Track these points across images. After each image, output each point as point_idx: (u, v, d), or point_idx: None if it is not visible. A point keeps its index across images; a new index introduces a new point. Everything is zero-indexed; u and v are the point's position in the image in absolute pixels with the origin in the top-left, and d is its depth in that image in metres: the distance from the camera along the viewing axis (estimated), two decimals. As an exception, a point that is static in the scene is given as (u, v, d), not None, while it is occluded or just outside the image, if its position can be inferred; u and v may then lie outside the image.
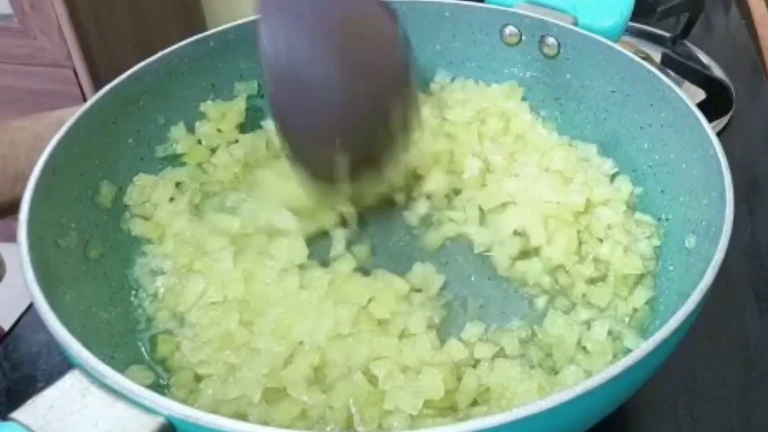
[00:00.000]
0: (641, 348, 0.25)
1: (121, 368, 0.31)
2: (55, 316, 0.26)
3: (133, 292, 0.38)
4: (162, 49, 0.42)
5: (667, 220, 0.40)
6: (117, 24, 1.11)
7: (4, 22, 1.01)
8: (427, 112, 0.46)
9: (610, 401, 0.28)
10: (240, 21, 0.45)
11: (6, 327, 0.44)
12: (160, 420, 0.23)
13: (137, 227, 0.40)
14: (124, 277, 0.38)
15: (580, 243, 0.40)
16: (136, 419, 0.23)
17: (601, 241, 0.40)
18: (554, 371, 0.34)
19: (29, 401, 0.24)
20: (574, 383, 0.23)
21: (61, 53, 1.03)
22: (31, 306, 0.43)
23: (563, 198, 0.41)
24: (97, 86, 1.06)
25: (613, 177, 0.44)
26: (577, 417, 0.26)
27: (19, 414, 0.23)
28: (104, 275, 0.37)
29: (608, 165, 0.44)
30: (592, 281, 0.39)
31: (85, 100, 1.11)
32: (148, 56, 0.41)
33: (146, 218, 0.40)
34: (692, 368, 0.40)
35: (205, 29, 0.44)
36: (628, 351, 0.34)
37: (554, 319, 0.36)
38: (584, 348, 0.35)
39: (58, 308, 0.27)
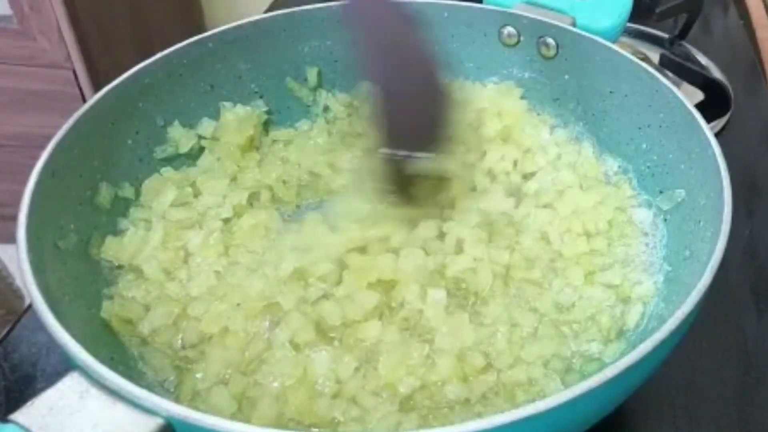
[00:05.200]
0: (639, 349, 0.25)
1: (121, 369, 0.31)
2: (54, 318, 0.26)
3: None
4: (161, 50, 0.42)
5: (665, 220, 0.40)
6: (116, 25, 1.11)
7: (4, 23, 1.01)
8: None
9: (609, 402, 0.28)
10: (239, 22, 0.45)
11: (5, 328, 0.44)
12: (160, 421, 0.23)
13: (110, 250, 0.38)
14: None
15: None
16: (136, 421, 0.23)
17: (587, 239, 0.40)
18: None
19: (28, 403, 0.24)
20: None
21: (60, 54, 1.03)
22: (30, 306, 0.43)
23: (570, 200, 0.42)
24: (97, 87, 1.06)
25: (611, 177, 0.44)
26: (576, 418, 0.26)
27: (18, 416, 0.23)
28: (103, 276, 0.37)
29: (606, 165, 0.45)
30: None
31: (84, 101, 1.12)
32: (148, 57, 0.41)
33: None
34: (691, 368, 0.40)
35: (204, 30, 0.44)
36: (626, 352, 0.34)
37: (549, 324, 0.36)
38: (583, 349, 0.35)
39: (57, 310, 0.27)
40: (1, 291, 0.64)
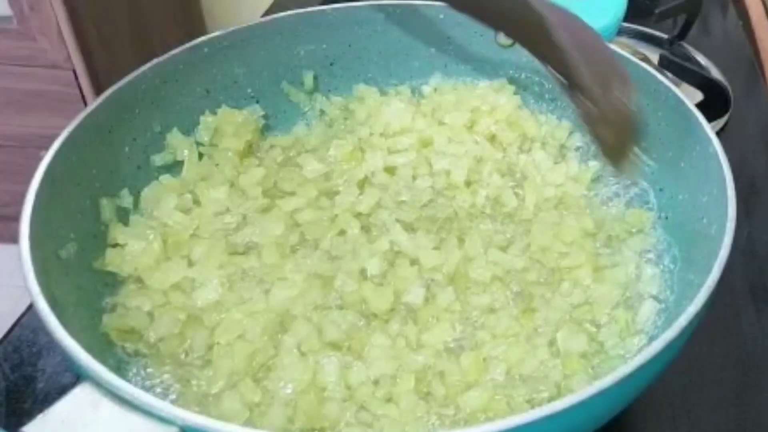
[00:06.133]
0: (651, 348, 0.25)
1: (129, 378, 0.31)
2: (64, 330, 0.26)
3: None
4: (162, 50, 0.42)
5: (666, 218, 0.40)
6: (116, 26, 1.11)
7: (4, 23, 1.01)
8: (422, 119, 0.46)
9: (621, 401, 0.28)
10: (234, 27, 0.44)
11: (6, 327, 0.44)
12: (174, 430, 0.23)
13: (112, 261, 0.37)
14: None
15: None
16: (150, 430, 0.23)
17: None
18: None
19: (40, 415, 0.23)
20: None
21: (60, 55, 1.03)
22: (30, 306, 0.43)
23: (570, 201, 0.42)
24: (97, 88, 1.07)
25: (611, 177, 0.44)
26: (588, 418, 0.26)
27: (30, 428, 0.23)
28: (106, 286, 0.37)
29: (606, 165, 0.45)
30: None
31: (84, 101, 1.12)
32: (148, 58, 0.41)
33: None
34: (690, 369, 0.40)
35: (204, 32, 0.43)
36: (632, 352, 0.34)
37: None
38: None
39: (63, 320, 0.27)
40: None
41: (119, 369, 0.33)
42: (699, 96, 0.63)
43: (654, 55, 0.67)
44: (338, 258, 0.38)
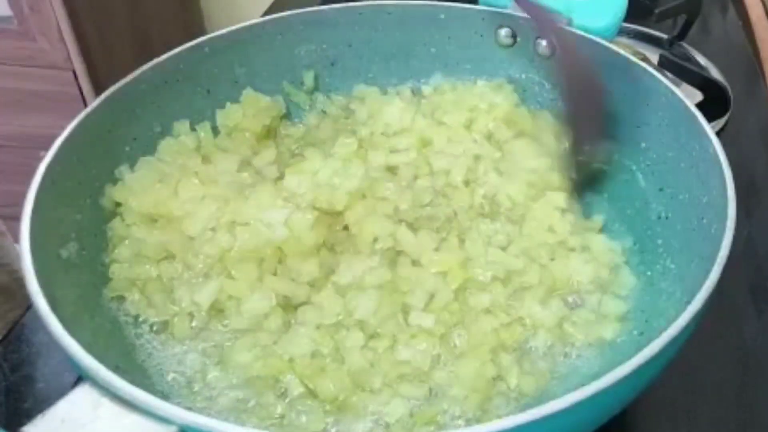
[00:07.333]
0: (651, 348, 0.25)
1: (128, 378, 0.31)
2: (64, 329, 0.26)
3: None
4: (162, 50, 0.42)
5: (666, 218, 0.40)
6: (116, 26, 1.12)
7: (4, 23, 1.01)
8: (422, 119, 0.47)
9: (619, 402, 0.28)
10: (234, 26, 0.45)
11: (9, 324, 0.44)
12: (173, 429, 0.23)
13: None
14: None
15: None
16: (150, 430, 0.23)
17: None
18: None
19: (40, 415, 0.23)
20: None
21: (60, 55, 1.03)
22: (30, 307, 0.43)
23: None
24: (97, 88, 1.07)
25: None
26: (584, 419, 0.26)
27: (30, 428, 0.23)
28: (106, 285, 0.37)
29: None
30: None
31: (84, 101, 1.12)
32: (148, 58, 0.41)
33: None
34: (690, 369, 0.40)
35: (204, 32, 0.44)
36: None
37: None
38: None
39: (63, 320, 0.27)
40: (8, 286, 0.64)
41: (124, 369, 0.33)
42: (699, 96, 0.63)
43: (654, 55, 0.67)
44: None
